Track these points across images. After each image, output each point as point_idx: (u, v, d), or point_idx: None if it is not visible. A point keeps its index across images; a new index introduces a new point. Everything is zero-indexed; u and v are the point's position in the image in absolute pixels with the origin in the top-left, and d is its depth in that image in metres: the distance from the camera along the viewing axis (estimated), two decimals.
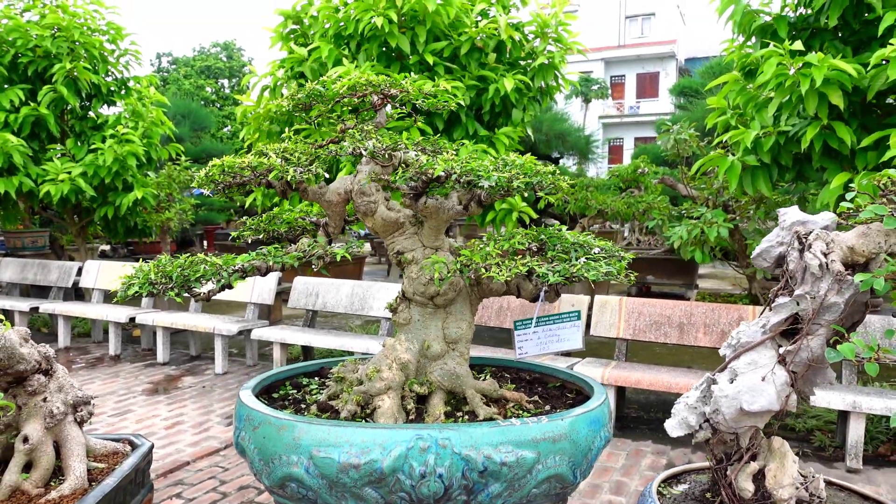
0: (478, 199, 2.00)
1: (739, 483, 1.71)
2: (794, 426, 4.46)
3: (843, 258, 1.57)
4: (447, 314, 2.01)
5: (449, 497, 1.61)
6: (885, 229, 1.56)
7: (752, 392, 1.65)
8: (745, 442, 1.73)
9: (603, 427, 1.79)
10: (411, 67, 4.93)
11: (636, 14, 38.03)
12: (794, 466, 1.73)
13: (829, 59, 3.41)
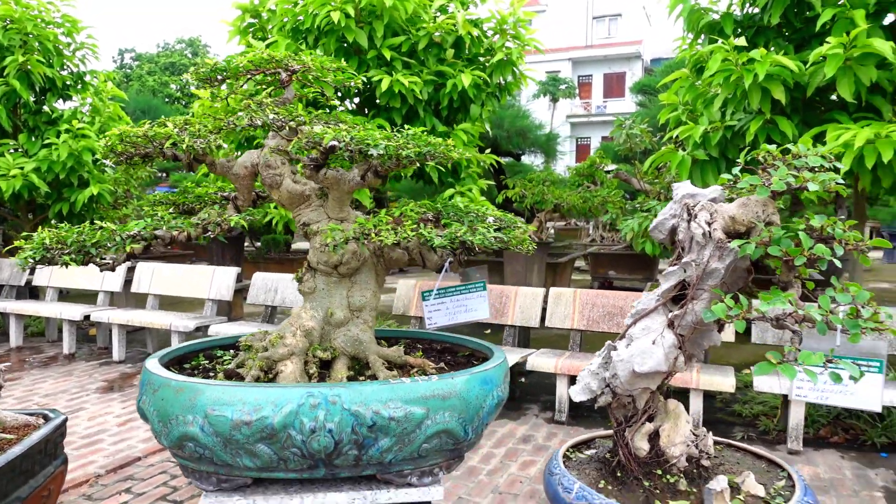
0: (374, 170, 2.05)
1: (635, 443, 1.80)
2: (742, 412, 4.60)
3: (725, 227, 1.66)
4: (352, 283, 2.06)
5: (340, 451, 1.67)
6: (762, 199, 1.66)
7: (643, 355, 1.74)
8: (641, 404, 1.81)
9: (496, 387, 1.85)
10: (369, 62, 4.95)
11: (603, 14, 38.53)
12: (686, 426, 1.83)
13: (771, 55, 3.53)
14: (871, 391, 1.95)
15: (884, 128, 3.29)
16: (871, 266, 15.33)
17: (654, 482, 1.75)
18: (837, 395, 1.94)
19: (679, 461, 1.77)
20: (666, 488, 1.73)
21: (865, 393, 1.96)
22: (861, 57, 3.41)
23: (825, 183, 1.64)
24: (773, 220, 1.69)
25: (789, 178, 1.69)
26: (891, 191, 3.63)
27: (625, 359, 1.76)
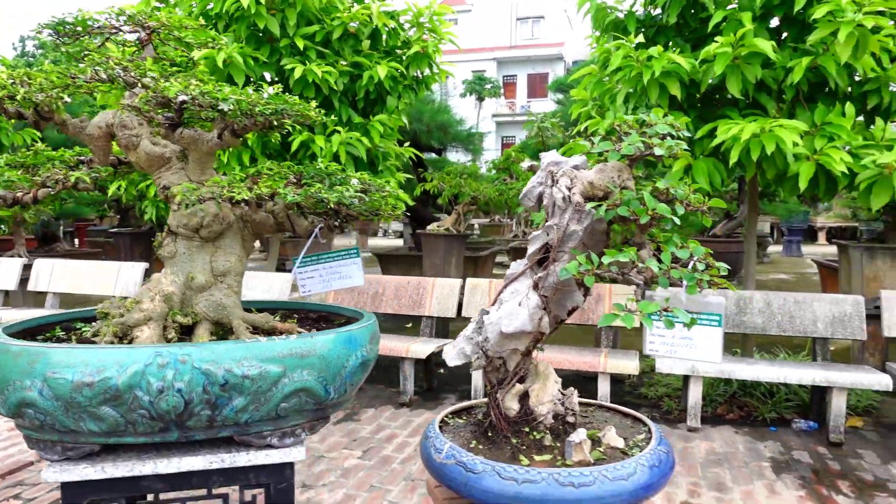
0: (231, 130, 2.01)
1: (506, 403, 1.87)
2: (648, 394, 4.83)
3: (584, 192, 1.75)
4: (216, 248, 2.02)
5: (191, 412, 1.63)
6: (618, 166, 1.77)
7: (509, 316, 1.80)
8: (511, 366, 1.88)
9: (360, 347, 1.86)
10: (282, 51, 4.85)
11: (527, 16, 39.32)
12: (555, 386, 1.91)
13: (667, 54, 3.71)
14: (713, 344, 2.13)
15: (768, 123, 3.53)
16: (772, 259, 16.38)
17: (521, 439, 1.83)
18: (685, 348, 2.11)
19: (546, 419, 1.85)
20: (532, 444, 1.81)
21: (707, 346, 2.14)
22: (748, 56, 3.64)
23: (671, 148, 1.76)
24: (628, 185, 1.79)
25: (639, 144, 1.78)
26: (776, 182, 3.90)
27: (494, 321, 1.82)
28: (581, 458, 1.71)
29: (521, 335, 1.83)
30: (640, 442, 1.87)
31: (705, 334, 2.10)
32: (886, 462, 3.67)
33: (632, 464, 1.68)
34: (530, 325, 1.79)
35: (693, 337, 2.10)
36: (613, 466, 1.65)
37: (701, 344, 2.08)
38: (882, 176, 3.46)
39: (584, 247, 1.80)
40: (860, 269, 5.14)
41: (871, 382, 3.81)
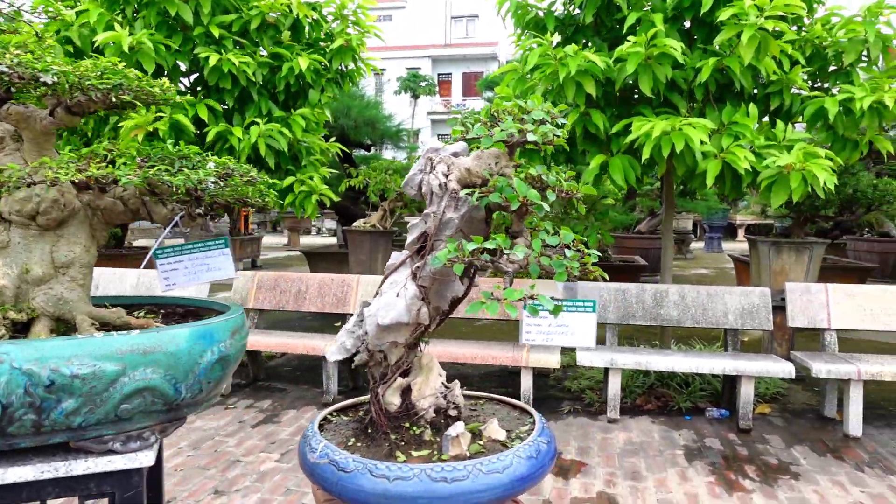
0: (66, 107, 1.88)
1: (386, 398, 1.83)
2: (571, 387, 4.91)
3: (461, 179, 1.74)
4: (58, 237, 1.89)
5: (12, 417, 1.48)
6: (495, 153, 1.77)
7: (386, 307, 1.77)
8: (393, 359, 1.85)
9: (217, 343, 1.75)
10: (196, 39, 4.65)
11: (461, 15, 39.51)
12: (438, 379, 1.89)
13: (582, 52, 3.77)
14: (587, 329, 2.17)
15: (677, 121, 3.64)
16: (694, 255, 17.07)
17: (401, 435, 1.79)
18: (560, 335, 2.15)
19: (427, 413, 1.82)
20: (412, 440, 1.78)
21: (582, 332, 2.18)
22: (659, 56, 3.74)
23: (546, 134, 1.77)
24: (505, 172, 1.78)
25: (513, 130, 1.78)
26: (687, 179, 4.03)
27: (372, 313, 1.77)
28: (458, 453, 1.68)
29: (398, 327, 1.78)
30: (523, 433, 1.86)
31: (580, 321, 2.13)
32: (790, 446, 3.86)
33: (508, 456, 1.66)
34: (407, 317, 1.75)
35: (569, 324, 2.13)
36: (489, 459, 1.62)
37: (577, 330, 2.12)
38: (781, 176, 3.62)
39: (464, 235, 1.78)
40: (768, 264, 5.39)
41: (776, 370, 3.99)
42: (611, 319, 4.58)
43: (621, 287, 4.64)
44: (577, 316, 2.08)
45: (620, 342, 6.32)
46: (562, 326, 2.13)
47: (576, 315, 2.12)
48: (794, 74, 4.03)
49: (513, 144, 1.82)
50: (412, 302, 1.75)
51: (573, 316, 2.11)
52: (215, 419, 4.23)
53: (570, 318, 2.10)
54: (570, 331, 2.11)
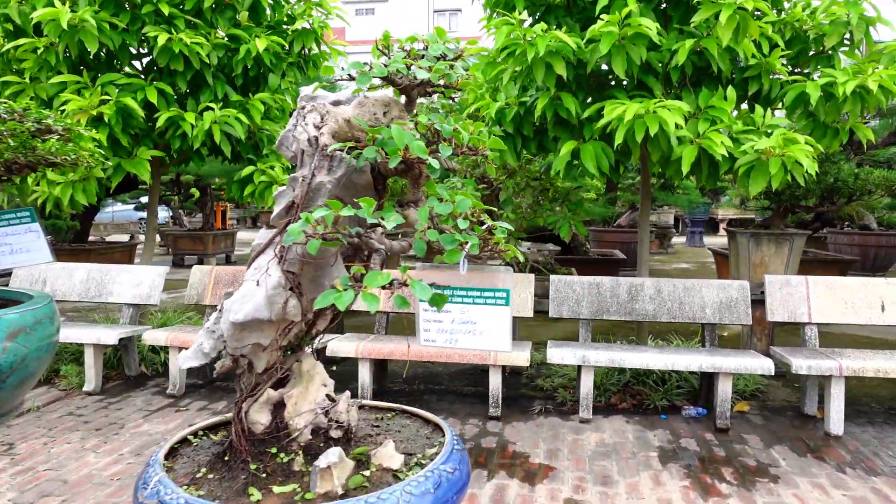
0: None
1: (251, 416, 1.48)
2: (543, 385, 4.71)
3: (338, 133, 1.47)
4: None
5: None
6: (382, 99, 1.49)
7: (242, 300, 1.41)
8: (260, 366, 1.49)
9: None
10: (145, 18, 4.36)
11: (444, 9, 39.19)
12: (321, 391, 1.56)
13: (552, 32, 3.55)
14: (500, 328, 1.74)
15: (651, 104, 3.44)
16: (676, 250, 16.99)
17: (264, 463, 1.43)
18: (467, 336, 1.78)
19: (302, 434, 1.47)
20: (277, 470, 1.42)
21: (494, 332, 1.77)
22: (633, 36, 3.53)
23: (449, 76, 1.44)
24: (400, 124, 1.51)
25: (399, 66, 1.44)
26: (662, 165, 3.83)
27: (227, 307, 1.42)
28: (328, 490, 1.32)
29: (259, 325, 1.42)
30: (426, 458, 1.51)
31: (491, 317, 1.71)
32: (769, 446, 3.68)
33: (395, 493, 1.28)
34: (268, 311, 1.38)
35: (476, 321, 1.72)
36: (365, 499, 1.25)
37: (486, 329, 1.69)
38: (760, 161, 3.43)
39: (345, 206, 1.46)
40: (747, 256, 5.22)
41: (754, 367, 3.81)
42: (584, 315, 4.37)
43: (595, 280, 4.44)
44: (487, 311, 1.67)
45: (597, 338, 6.13)
46: (468, 324, 1.73)
47: (485, 310, 1.70)
48: (774, 58, 3.84)
49: (406, 88, 1.49)
50: (275, 292, 1.40)
51: (482, 311, 1.70)
52: (164, 423, 3.97)
53: (478, 314, 1.71)
54: (478, 329, 1.71)
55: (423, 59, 1.48)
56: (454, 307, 1.70)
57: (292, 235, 1.23)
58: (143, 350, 5.08)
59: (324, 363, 5.08)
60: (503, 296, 1.66)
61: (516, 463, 3.40)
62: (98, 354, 4.56)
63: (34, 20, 3.95)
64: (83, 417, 4.06)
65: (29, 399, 4.41)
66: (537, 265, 5.54)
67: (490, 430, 3.89)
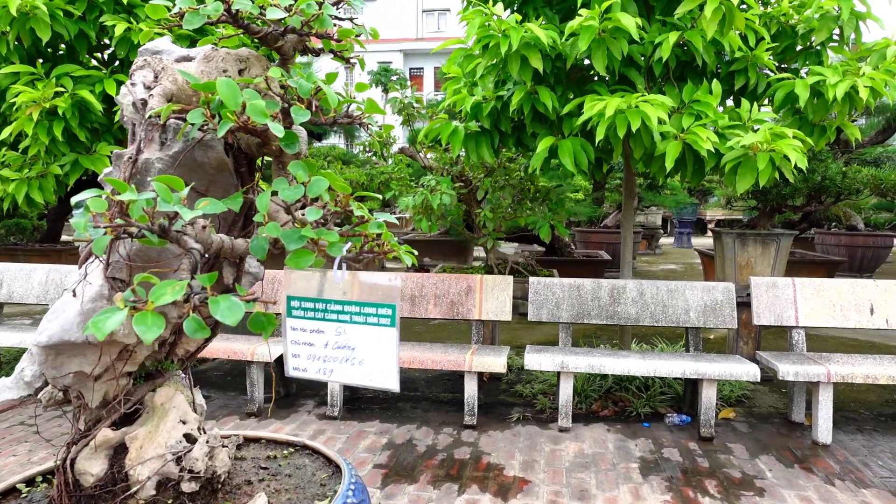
0: None
1: (80, 464, 1.18)
2: (522, 392, 4.53)
3: (179, 97, 1.21)
4: None
5: None
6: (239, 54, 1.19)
7: (52, 315, 1.10)
8: (94, 399, 1.17)
9: None
10: (103, 6, 4.14)
11: (432, 9, 38.99)
12: (176, 429, 1.24)
13: (526, 24, 3.37)
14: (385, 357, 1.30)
15: (633, 98, 3.27)
16: (663, 251, 16.90)
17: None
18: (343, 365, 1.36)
19: (144, 489, 1.14)
20: None
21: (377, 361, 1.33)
22: (614, 30, 3.36)
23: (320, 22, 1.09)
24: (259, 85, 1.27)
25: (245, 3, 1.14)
26: (645, 163, 3.67)
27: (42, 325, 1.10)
28: None
29: (74, 348, 1.10)
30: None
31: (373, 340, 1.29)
32: (755, 456, 3.53)
33: None
34: (79, 331, 1.05)
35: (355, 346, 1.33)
36: None
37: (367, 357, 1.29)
38: (747, 157, 3.27)
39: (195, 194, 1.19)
40: (733, 257, 5.08)
41: (739, 373, 3.66)
42: (564, 318, 4.20)
43: (575, 283, 4.27)
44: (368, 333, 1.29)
45: (579, 342, 5.97)
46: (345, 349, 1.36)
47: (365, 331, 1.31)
48: (760, 51, 3.69)
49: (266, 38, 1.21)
50: (95, 306, 1.09)
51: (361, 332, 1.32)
52: None
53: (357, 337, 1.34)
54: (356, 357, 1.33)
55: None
56: (327, 326, 1.33)
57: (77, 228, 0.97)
58: None
59: None
60: (388, 313, 1.21)
61: (490, 476, 3.22)
62: None
63: None
64: (34, 427, 3.84)
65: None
66: (517, 266, 5.37)
67: (464, 439, 3.71)
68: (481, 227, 4.83)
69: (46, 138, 3.96)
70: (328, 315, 1.33)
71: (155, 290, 0.88)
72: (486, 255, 5.19)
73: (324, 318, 1.32)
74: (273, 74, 1.13)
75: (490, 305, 4.23)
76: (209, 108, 1.04)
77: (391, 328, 1.26)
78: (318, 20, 1.14)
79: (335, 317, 1.32)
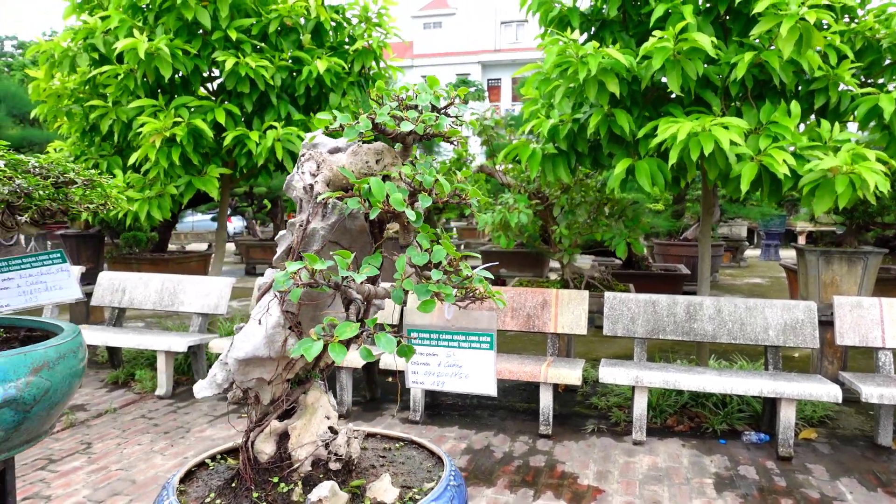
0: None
1: (257, 446, 1.56)
2: (598, 404, 4.63)
3: (333, 181, 1.49)
4: None
5: None
6: (375, 148, 1.50)
7: (244, 338, 1.50)
8: (266, 398, 1.57)
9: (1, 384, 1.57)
10: (214, 44, 4.62)
11: (510, 20, 39.21)
12: (323, 423, 1.60)
13: (603, 49, 3.52)
14: (484, 372, 1.73)
15: (707, 121, 3.35)
16: (748, 263, 16.29)
17: (266, 492, 1.51)
18: (453, 378, 1.76)
19: (303, 465, 1.53)
20: (278, 499, 1.49)
21: (479, 375, 1.76)
22: (689, 51, 3.46)
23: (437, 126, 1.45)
24: (391, 172, 1.54)
25: (385, 118, 1.48)
26: (721, 183, 3.72)
27: (234, 344, 1.51)
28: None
29: (259, 361, 1.51)
30: (422, 493, 1.54)
31: (476, 360, 1.71)
32: (835, 477, 3.49)
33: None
34: (267, 350, 1.46)
35: (462, 364, 1.72)
36: None
37: (472, 372, 1.68)
38: (825, 179, 3.29)
39: (341, 249, 1.52)
40: (816, 275, 4.98)
41: (819, 393, 3.63)
42: (639, 333, 4.29)
43: (651, 298, 4.35)
44: (471, 354, 1.69)
45: (655, 356, 5.98)
46: (454, 367, 1.75)
47: (470, 353, 1.72)
48: (842, 70, 3.67)
49: (396, 137, 1.53)
50: (274, 331, 1.47)
51: (466, 354, 1.72)
52: (226, 428, 4.16)
53: (464, 357, 1.72)
54: (463, 372, 1.72)
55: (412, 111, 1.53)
56: (440, 350, 1.73)
57: (279, 284, 1.30)
58: (211, 357, 5.34)
59: (379, 374, 5.19)
60: (487, 340, 1.67)
61: (564, 484, 3.37)
62: (169, 361, 4.83)
63: (117, 50, 4.26)
64: (153, 420, 4.31)
65: (107, 401, 4.71)
66: (593, 281, 5.47)
67: (540, 448, 3.87)
68: (557, 243, 4.99)
69: (166, 162, 4.46)
70: (440, 342, 1.66)
71: (339, 328, 1.23)
72: (562, 268, 5.33)
73: (437, 343, 1.67)
74: (406, 171, 1.40)
75: (566, 319, 4.38)
76: (360, 194, 1.33)
77: (490, 351, 1.57)
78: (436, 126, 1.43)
79: (446, 343, 1.65)
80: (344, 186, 1.51)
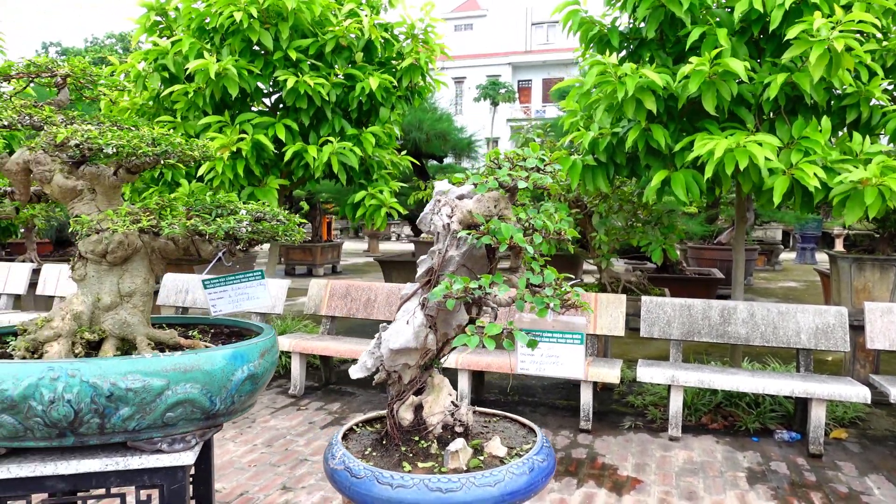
0: (125, 167, 2.22)
1: (400, 414, 2.03)
2: (634, 402, 4.87)
3: (463, 220, 1.89)
4: (123, 271, 2.18)
5: (82, 420, 1.82)
6: (493, 196, 1.90)
7: (396, 333, 1.95)
8: (406, 379, 2.04)
9: (247, 363, 2.04)
10: (275, 63, 4.99)
11: (541, 21, 39.35)
12: (448, 398, 2.05)
13: (640, 70, 3.77)
14: (575, 361, 2.31)
15: (742, 138, 3.57)
16: (783, 267, 16.23)
17: (411, 448, 1.97)
18: (551, 365, 2.29)
19: (436, 429, 1.99)
20: (420, 452, 1.96)
21: (571, 363, 2.31)
22: (723, 73, 3.69)
23: (536, 180, 1.89)
24: (505, 213, 1.91)
25: (506, 178, 1.92)
26: (754, 195, 3.93)
27: (385, 338, 1.98)
28: (456, 466, 1.83)
29: (408, 351, 1.96)
30: (523, 451, 1.99)
31: (569, 352, 2.27)
32: (864, 474, 3.69)
33: (502, 471, 1.80)
34: (415, 342, 1.92)
35: (559, 355, 2.26)
36: (482, 474, 1.77)
37: (566, 361, 2.26)
38: (855, 191, 3.49)
39: (467, 270, 1.95)
40: (849, 281, 5.13)
41: (848, 394, 3.83)
42: (674, 336, 4.52)
43: (686, 303, 4.57)
44: (566, 347, 2.24)
45: (690, 357, 6.17)
46: (552, 357, 2.28)
47: (565, 347, 2.28)
48: (874, 86, 3.86)
49: (509, 189, 1.96)
50: (419, 329, 1.92)
51: (562, 348, 2.27)
52: (288, 419, 4.51)
53: (560, 350, 2.26)
54: (559, 361, 2.25)
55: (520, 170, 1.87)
56: (543, 345, 2.24)
57: (436, 295, 1.69)
58: None
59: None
60: (578, 338, 2.19)
61: (605, 474, 3.63)
62: None
63: (188, 71, 4.65)
64: None
65: None
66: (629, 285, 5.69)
67: (580, 441, 4.13)
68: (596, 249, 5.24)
69: (231, 174, 4.84)
70: (542, 339, 2.05)
71: (488, 327, 1.59)
72: (600, 273, 5.57)
73: (541, 339, 2.07)
74: (521, 216, 1.74)
75: (604, 321, 4.63)
76: (489, 232, 1.68)
77: (581, 345, 1.98)
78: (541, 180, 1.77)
79: (547, 339, 2.05)
80: (469, 224, 1.88)
